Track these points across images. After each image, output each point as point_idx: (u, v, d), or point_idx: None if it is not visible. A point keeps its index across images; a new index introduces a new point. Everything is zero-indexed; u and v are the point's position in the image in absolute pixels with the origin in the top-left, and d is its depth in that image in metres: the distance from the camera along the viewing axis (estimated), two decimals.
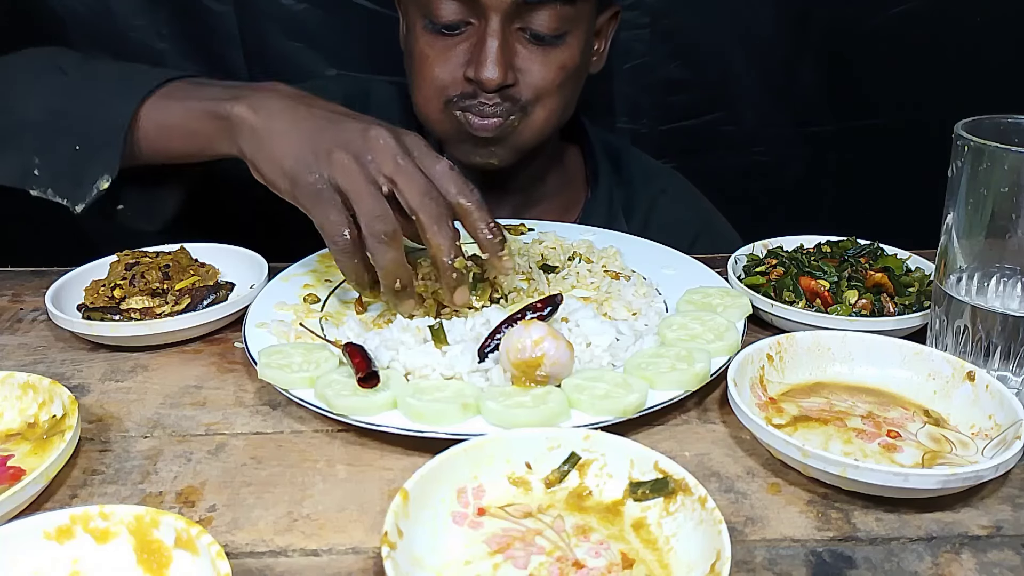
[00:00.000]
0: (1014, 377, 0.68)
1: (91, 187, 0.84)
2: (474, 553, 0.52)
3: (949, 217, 0.68)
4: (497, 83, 0.94)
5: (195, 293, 0.83)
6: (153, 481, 0.62)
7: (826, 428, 0.64)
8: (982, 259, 0.68)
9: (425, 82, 0.99)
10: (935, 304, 0.72)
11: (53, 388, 0.66)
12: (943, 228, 0.69)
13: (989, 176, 0.64)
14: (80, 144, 0.84)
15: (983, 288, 0.69)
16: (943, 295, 0.70)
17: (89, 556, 0.51)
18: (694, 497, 0.53)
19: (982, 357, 0.68)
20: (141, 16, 1.36)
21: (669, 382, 0.67)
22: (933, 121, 1.23)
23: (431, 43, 0.98)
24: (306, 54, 1.41)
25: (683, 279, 0.86)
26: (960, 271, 0.69)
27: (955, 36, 1.38)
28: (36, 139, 0.85)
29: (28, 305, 0.89)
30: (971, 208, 0.66)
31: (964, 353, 0.69)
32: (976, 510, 0.58)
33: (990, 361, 0.68)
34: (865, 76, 1.40)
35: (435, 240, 0.72)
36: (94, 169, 0.84)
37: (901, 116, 1.42)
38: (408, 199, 0.72)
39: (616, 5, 1.09)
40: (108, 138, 0.83)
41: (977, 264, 0.68)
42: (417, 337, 0.73)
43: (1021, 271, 0.67)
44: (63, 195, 0.85)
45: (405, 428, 0.63)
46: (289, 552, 0.55)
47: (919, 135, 1.09)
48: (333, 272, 0.90)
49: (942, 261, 0.70)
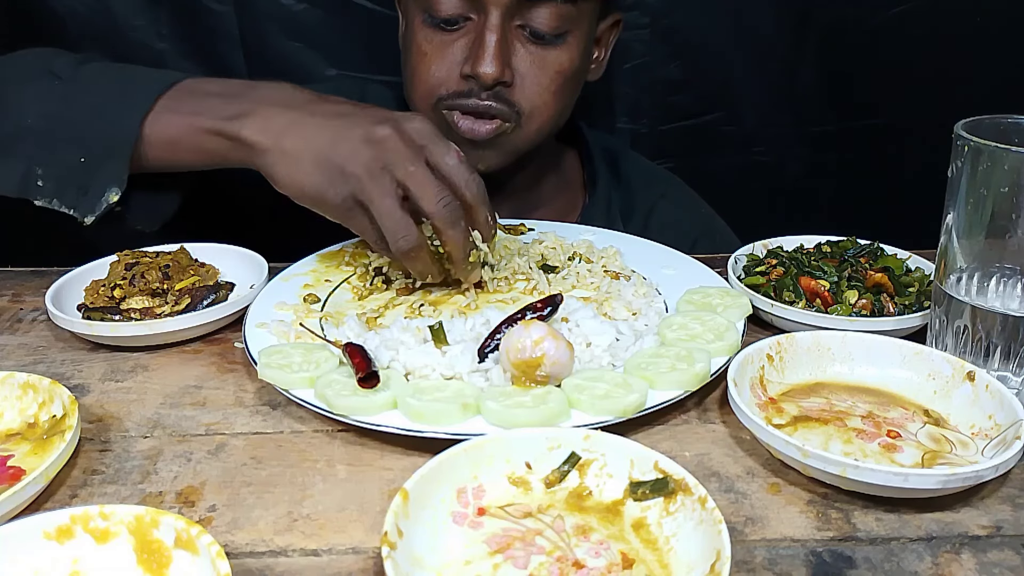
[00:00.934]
0: (1014, 377, 0.68)
1: (99, 200, 0.84)
2: (474, 553, 0.52)
3: (949, 217, 0.68)
4: (494, 78, 0.93)
5: (195, 293, 0.83)
6: (153, 481, 0.62)
7: (826, 428, 0.64)
8: (982, 259, 0.68)
9: (419, 78, 0.99)
10: (935, 304, 0.72)
11: (53, 388, 0.66)
12: (943, 228, 0.69)
13: (989, 176, 0.64)
14: (84, 155, 0.84)
15: (983, 288, 0.69)
16: (943, 295, 0.70)
17: (89, 556, 0.51)
18: (694, 497, 0.53)
19: (982, 357, 0.68)
20: (141, 16, 1.36)
21: (669, 382, 0.67)
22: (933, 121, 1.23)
23: (429, 38, 0.97)
24: (306, 54, 1.40)
25: (683, 279, 0.86)
26: (960, 271, 0.69)
27: (955, 36, 1.38)
28: (36, 147, 0.84)
29: (28, 305, 0.89)
30: (971, 208, 0.66)
31: (964, 353, 0.69)
32: (976, 510, 0.58)
33: (990, 361, 0.68)
34: (865, 76, 1.40)
35: (451, 242, 0.77)
36: (101, 181, 0.84)
37: (901, 116, 1.42)
38: (423, 206, 0.75)
39: (618, 13, 1.08)
40: (113, 150, 0.83)
41: (977, 264, 0.68)
42: (417, 337, 0.73)
43: (1021, 271, 0.67)
44: (70, 206, 0.85)
45: (405, 428, 0.63)
46: (289, 552, 0.55)
47: (919, 135, 1.09)
48: (333, 272, 0.91)
49: (942, 261, 0.70)
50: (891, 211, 1.30)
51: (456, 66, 0.96)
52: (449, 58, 0.96)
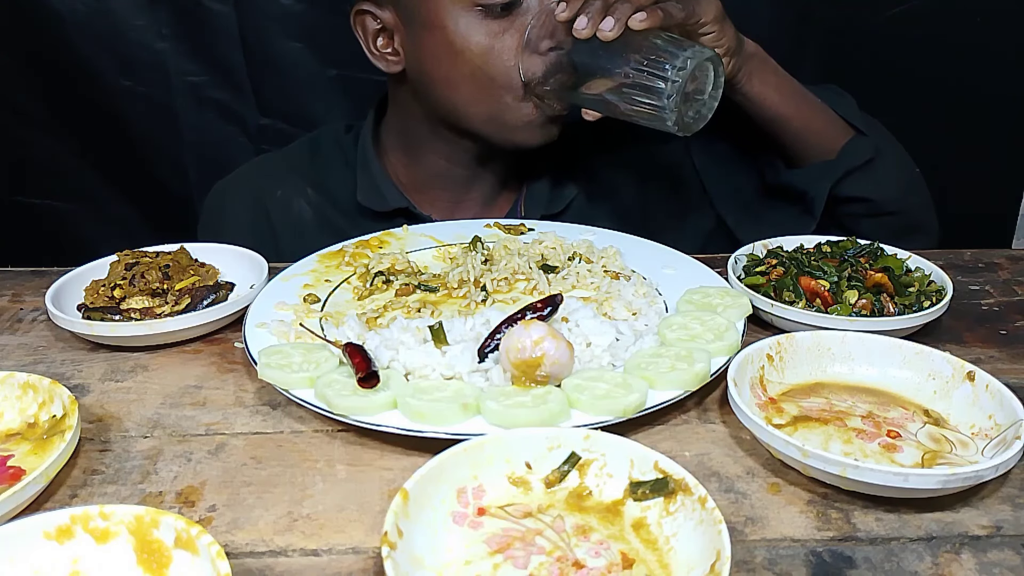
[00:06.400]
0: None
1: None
2: (474, 553, 0.52)
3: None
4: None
5: (195, 293, 0.83)
6: (153, 481, 0.62)
7: (826, 428, 0.64)
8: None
9: (498, 72, 0.96)
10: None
11: (53, 388, 0.66)
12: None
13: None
14: None
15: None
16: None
17: (89, 556, 0.51)
18: (694, 497, 0.53)
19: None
20: (141, 16, 1.36)
21: (669, 382, 0.67)
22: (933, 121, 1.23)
23: (488, 30, 0.95)
24: (306, 54, 1.41)
25: (683, 279, 0.86)
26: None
27: (955, 36, 1.38)
28: None
29: (28, 305, 0.90)
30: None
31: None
32: (976, 510, 0.58)
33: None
34: (865, 76, 1.40)
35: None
36: None
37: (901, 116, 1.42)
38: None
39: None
40: None
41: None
42: (417, 337, 0.73)
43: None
44: None
45: (405, 428, 0.63)
46: (289, 552, 0.55)
47: (919, 135, 1.09)
48: (333, 272, 0.91)
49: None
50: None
51: (531, 47, 0.94)
52: (519, 42, 0.94)
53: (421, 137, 1.09)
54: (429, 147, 1.09)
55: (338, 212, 1.12)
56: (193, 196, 1.46)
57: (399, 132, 1.12)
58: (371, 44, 1.04)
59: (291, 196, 1.13)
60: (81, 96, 1.40)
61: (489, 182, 1.13)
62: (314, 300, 0.84)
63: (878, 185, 1.02)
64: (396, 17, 1.01)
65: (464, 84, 0.98)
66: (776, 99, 1.01)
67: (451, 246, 0.97)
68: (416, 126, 1.08)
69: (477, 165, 1.10)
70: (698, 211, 1.17)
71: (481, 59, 0.96)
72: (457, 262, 0.91)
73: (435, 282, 0.87)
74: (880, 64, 1.39)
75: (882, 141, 1.03)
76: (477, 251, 0.92)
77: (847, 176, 1.01)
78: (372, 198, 1.09)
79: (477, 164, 1.10)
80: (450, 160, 1.09)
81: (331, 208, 1.12)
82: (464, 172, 1.11)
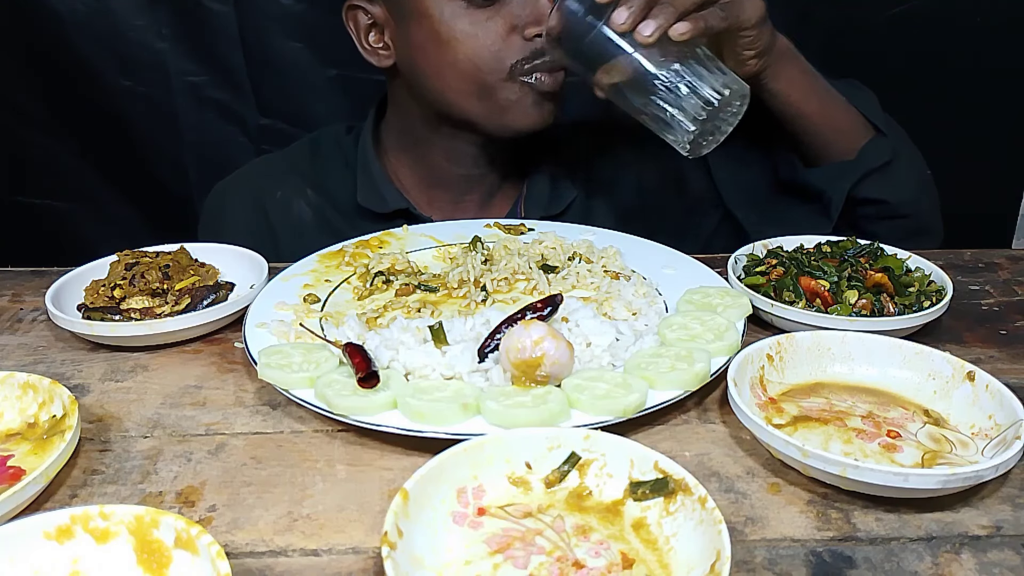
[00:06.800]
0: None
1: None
2: (474, 553, 0.52)
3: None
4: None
5: (195, 293, 0.83)
6: (153, 481, 0.62)
7: (826, 428, 0.64)
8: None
9: (480, 57, 0.97)
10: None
11: (53, 388, 0.66)
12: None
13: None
14: None
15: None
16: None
17: (89, 556, 0.51)
18: (694, 497, 0.53)
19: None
20: (141, 16, 1.36)
21: (669, 382, 0.67)
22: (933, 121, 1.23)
23: (472, 19, 0.96)
24: (306, 54, 1.41)
25: (683, 279, 0.86)
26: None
27: (955, 36, 1.38)
28: None
29: (28, 305, 0.90)
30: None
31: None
32: (976, 510, 0.58)
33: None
34: (865, 76, 1.40)
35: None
36: None
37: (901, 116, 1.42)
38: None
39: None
40: None
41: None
42: (417, 337, 0.73)
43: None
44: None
45: (405, 428, 0.63)
46: (289, 552, 0.55)
47: (919, 135, 1.09)
48: (333, 272, 0.91)
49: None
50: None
51: (517, 32, 0.96)
52: (503, 29, 0.96)
53: (420, 135, 1.09)
54: (429, 145, 1.09)
55: (338, 213, 1.12)
56: (193, 196, 1.46)
57: (399, 132, 1.12)
58: (363, 39, 1.06)
59: (291, 197, 1.13)
60: (81, 96, 1.40)
61: (489, 182, 1.13)
62: (314, 300, 0.84)
63: (895, 187, 1.02)
64: (386, 11, 1.03)
65: (451, 72, 0.99)
66: (800, 96, 1.00)
67: (451, 246, 0.97)
68: (415, 124, 1.09)
69: (477, 164, 1.10)
70: (699, 212, 1.17)
71: (466, 47, 0.97)
72: (457, 262, 0.91)
73: (435, 282, 0.88)
74: (880, 64, 1.38)
75: (900, 142, 1.03)
76: (477, 251, 0.93)
77: (865, 178, 1.00)
78: (372, 199, 1.09)
79: (477, 163, 1.10)
80: (450, 159, 1.10)
81: (331, 209, 1.13)
82: (464, 171, 1.11)
